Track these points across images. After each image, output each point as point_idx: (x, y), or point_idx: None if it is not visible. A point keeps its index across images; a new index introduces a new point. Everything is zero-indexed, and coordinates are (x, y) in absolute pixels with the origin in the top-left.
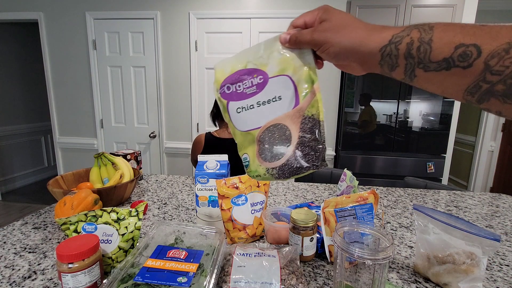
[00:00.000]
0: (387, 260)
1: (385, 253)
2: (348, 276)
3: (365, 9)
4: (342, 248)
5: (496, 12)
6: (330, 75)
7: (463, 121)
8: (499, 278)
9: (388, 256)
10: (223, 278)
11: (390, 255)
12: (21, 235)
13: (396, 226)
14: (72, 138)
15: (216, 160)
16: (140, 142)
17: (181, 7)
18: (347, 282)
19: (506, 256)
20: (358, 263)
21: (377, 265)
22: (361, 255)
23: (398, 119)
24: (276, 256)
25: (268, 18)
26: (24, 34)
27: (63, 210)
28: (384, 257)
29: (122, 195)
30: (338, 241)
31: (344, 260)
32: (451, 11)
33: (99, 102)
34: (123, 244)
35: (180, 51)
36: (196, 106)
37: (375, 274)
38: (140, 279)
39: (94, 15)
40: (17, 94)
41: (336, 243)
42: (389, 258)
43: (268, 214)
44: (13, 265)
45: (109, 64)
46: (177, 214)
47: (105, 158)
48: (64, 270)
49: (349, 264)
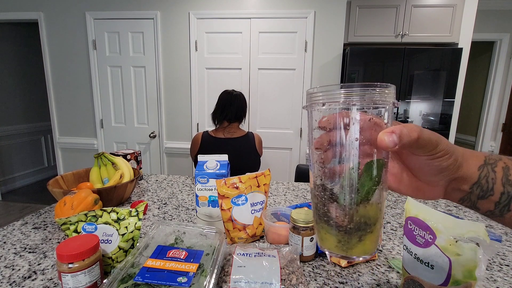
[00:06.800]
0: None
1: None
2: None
3: (365, 9)
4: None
5: (496, 12)
6: (330, 74)
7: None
8: (499, 278)
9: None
10: (223, 278)
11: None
12: (21, 235)
13: (396, 226)
14: (72, 138)
15: (216, 160)
16: (140, 142)
17: (181, 7)
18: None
19: (506, 256)
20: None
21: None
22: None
23: (398, 119)
24: (276, 256)
25: (268, 18)
26: (24, 34)
27: (63, 210)
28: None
29: (122, 195)
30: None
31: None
32: (451, 11)
33: (99, 102)
34: (123, 244)
35: (180, 51)
36: (196, 106)
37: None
38: (140, 279)
39: (94, 15)
40: (17, 94)
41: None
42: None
43: (268, 214)
44: (13, 265)
45: (109, 64)
46: (177, 214)
47: (105, 158)
48: (64, 270)
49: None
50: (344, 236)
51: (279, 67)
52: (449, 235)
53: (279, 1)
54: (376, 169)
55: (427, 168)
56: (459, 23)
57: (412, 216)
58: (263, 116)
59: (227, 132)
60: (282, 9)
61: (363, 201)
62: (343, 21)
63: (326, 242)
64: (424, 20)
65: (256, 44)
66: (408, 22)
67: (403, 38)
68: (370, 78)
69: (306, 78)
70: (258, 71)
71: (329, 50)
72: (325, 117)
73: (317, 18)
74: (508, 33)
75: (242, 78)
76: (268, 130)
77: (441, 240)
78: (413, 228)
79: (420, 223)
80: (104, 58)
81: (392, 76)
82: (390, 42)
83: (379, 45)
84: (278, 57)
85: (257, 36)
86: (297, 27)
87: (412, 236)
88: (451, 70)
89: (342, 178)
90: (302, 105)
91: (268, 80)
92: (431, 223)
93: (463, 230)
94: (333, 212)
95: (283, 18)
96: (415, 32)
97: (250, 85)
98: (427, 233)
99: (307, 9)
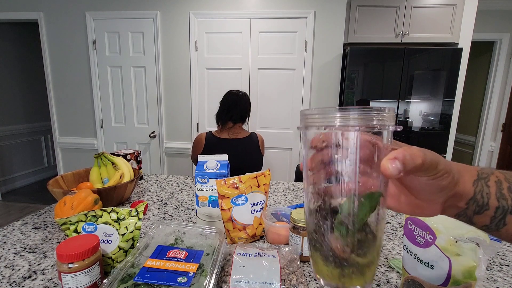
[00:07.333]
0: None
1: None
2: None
3: (365, 9)
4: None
5: (496, 12)
6: (330, 74)
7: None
8: (499, 278)
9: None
10: (223, 278)
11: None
12: (21, 235)
13: (396, 226)
14: (72, 138)
15: (216, 160)
16: (140, 142)
17: (181, 7)
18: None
19: (506, 256)
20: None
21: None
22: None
23: (398, 119)
24: (276, 256)
25: (268, 18)
26: (24, 34)
27: (63, 210)
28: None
29: (122, 195)
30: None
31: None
32: (451, 11)
33: (99, 102)
34: (123, 244)
35: (180, 51)
36: (196, 106)
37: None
38: (140, 279)
39: (94, 15)
40: (17, 94)
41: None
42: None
43: (268, 214)
44: (13, 265)
45: (109, 64)
46: (177, 214)
47: (105, 158)
48: (64, 270)
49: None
50: (342, 267)
51: (279, 67)
52: (449, 235)
53: (279, 1)
54: (376, 199)
55: (427, 188)
56: (459, 23)
57: (412, 216)
58: (263, 116)
59: (231, 133)
60: (282, 9)
61: (363, 231)
62: (343, 21)
63: (320, 270)
64: (424, 20)
65: (256, 44)
66: (408, 22)
67: (403, 38)
68: (370, 78)
69: (306, 78)
70: (258, 71)
71: (329, 50)
72: (321, 137)
73: (317, 18)
74: (508, 33)
75: (242, 78)
76: (268, 130)
77: (441, 240)
78: (413, 228)
79: (420, 223)
80: (104, 58)
81: (392, 76)
82: (390, 42)
83: (379, 45)
84: (278, 57)
85: (257, 36)
86: (297, 27)
87: (412, 236)
88: (451, 70)
89: (341, 207)
90: (300, 110)
91: (268, 80)
92: (431, 223)
93: (463, 230)
94: (331, 242)
95: (283, 18)
96: (415, 32)
97: (250, 85)
98: (427, 233)
99: (307, 9)
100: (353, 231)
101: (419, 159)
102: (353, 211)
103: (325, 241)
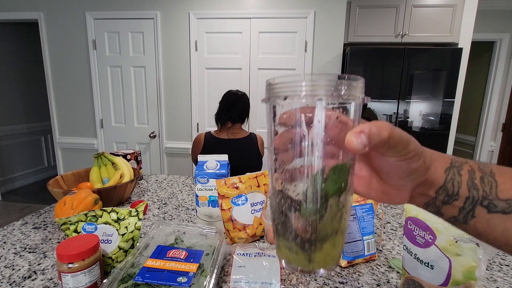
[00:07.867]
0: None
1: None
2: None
3: (365, 9)
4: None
5: (496, 12)
6: None
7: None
8: (499, 278)
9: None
10: (223, 278)
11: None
12: (21, 235)
13: (396, 226)
14: (72, 138)
15: (216, 160)
16: (140, 142)
17: (181, 7)
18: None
19: (506, 256)
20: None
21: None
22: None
23: (398, 119)
24: (276, 256)
25: (268, 18)
26: (24, 34)
27: (63, 210)
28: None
29: (122, 195)
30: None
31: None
32: (451, 11)
33: (99, 102)
34: (123, 244)
35: (180, 51)
36: (196, 106)
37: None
38: (140, 279)
39: (94, 15)
40: (17, 94)
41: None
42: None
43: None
44: (13, 265)
45: (109, 64)
46: (177, 214)
47: (105, 158)
48: (64, 270)
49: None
50: (305, 248)
51: (279, 67)
52: (449, 235)
53: (279, 1)
54: (343, 173)
55: (395, 170)
56: (459, 23)
57: (412, 216)
58: (263, 116)
59: (230, 133)
60: (282, 9)
61: (327, 209)
62: (343, 21)
63: (284, 253)
64: (424, 20)
65: (256, 44)
66: (408, 22)
67: (403, 38)
68: (370, 78)
69: None
70: (258, 71)
71: (329, 50)
72: (286, 113)
73: (317, 18)
74: (508, 33)
75: (242, 78)
76: None
77: (441, 240)
78: (413, 228)
79: (420, 223)
80: (104, 58)
81: (392, 76)
82: (390, 42)
83: (379, 45)
84: (278, 57)
85: (257, 36)
86: (297, 27)
87: (412, 236)
88: (451, 70)
89: (304, 183)
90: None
91: None
92: (431, 223)
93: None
94: (293, 221)
95: (283, 18)
96: (415, 32)
97: (250, 85)
98: (427, 233)
99: (307, 9)
100: (319, 208)
101: (385, 133)
102: (318, 187)
103: (288, 221)
